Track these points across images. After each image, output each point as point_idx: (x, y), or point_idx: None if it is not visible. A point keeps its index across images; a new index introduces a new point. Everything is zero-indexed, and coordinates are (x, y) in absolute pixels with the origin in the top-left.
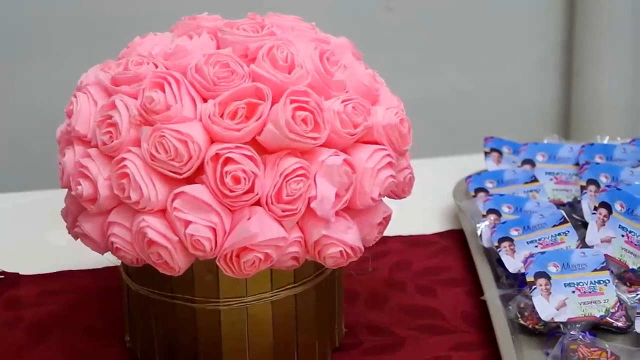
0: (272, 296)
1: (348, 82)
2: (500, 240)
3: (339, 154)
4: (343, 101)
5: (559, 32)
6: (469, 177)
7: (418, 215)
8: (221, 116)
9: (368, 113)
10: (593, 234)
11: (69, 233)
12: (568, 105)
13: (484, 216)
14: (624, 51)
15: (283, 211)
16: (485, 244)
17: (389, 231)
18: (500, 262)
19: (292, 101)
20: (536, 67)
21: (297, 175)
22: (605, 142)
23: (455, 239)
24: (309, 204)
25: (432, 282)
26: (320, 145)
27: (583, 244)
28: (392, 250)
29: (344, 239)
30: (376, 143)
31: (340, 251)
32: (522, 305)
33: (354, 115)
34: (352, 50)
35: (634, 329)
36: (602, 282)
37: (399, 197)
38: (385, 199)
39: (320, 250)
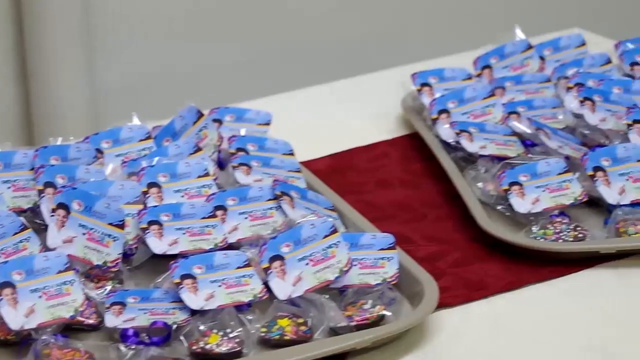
0: None
1: None
2: None
3: None
4: None
5: (11, 35)
6: None
7: None
8: None
9: None
10: (53, 236)
11: None
12: (27, 110)
13: None
14: (75, 49)
15: None
16: None
17: None
18: None
19: None
20: None
21: None
22: (59, 143)
23: None
24: None
25: None
26: None
27: (46, 247)
28: None
29: None
30: None
31: None
32: None
33: None
34: None
35: (105, 324)
36: (67, 282)
37: None
38: None
39: None
